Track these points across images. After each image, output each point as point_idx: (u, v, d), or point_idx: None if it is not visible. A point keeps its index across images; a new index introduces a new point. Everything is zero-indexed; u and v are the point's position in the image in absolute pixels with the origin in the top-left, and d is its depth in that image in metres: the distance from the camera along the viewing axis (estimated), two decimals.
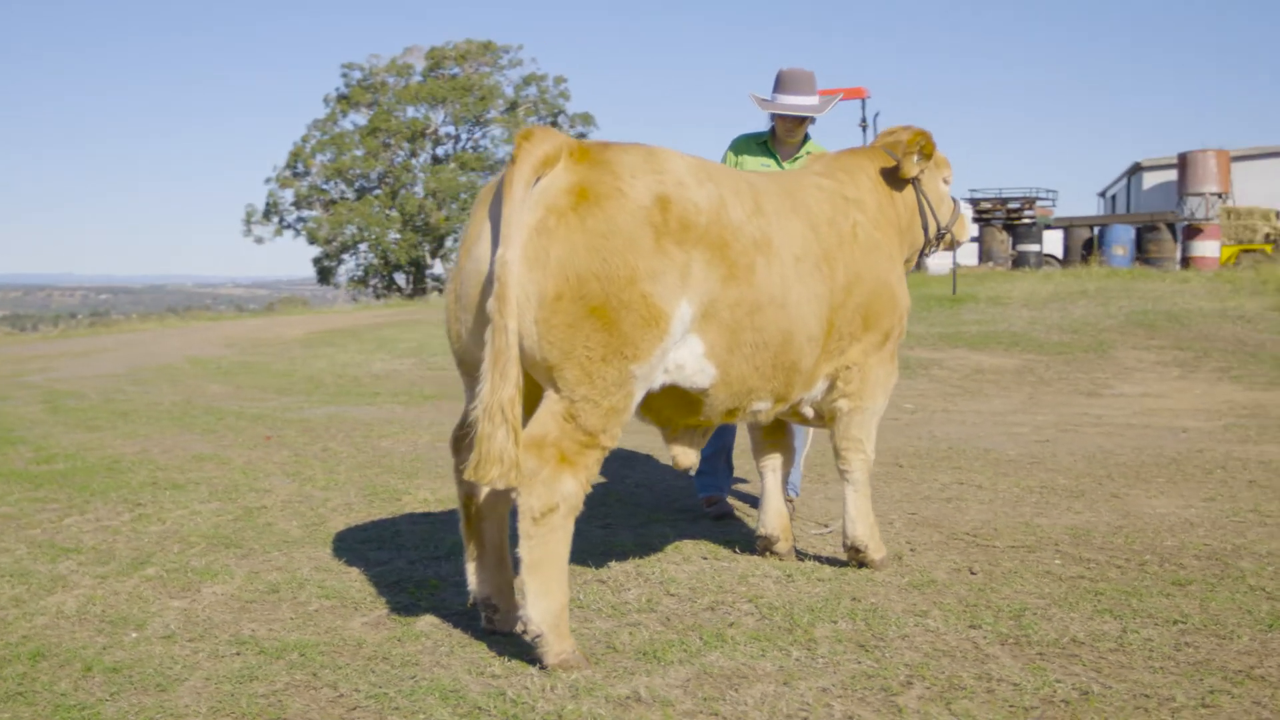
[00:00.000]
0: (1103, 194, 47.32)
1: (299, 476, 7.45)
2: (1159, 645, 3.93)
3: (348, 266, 51.21)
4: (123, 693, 3.67)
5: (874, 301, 4.79)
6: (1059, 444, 8.39)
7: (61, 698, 3.63)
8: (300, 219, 50.39)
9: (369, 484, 7.11)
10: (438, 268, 50.18)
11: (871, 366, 4.86)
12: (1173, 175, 34.50)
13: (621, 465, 7.76)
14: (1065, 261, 29.69)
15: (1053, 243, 30.94)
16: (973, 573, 4.92)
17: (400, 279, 50.37)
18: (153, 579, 5.02)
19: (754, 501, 6.62)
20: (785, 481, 5.35)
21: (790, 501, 6.16)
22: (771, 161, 6.08)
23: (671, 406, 4.28)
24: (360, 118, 50.07)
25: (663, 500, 6.64)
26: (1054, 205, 38.41)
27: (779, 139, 6.10)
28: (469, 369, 4.11)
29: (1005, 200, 33.47)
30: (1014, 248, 29.90)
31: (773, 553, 5.27)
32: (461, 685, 3.67)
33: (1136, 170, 39.11)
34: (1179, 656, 3.82)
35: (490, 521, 4.22)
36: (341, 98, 50.12)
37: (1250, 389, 11.00)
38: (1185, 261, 27.41)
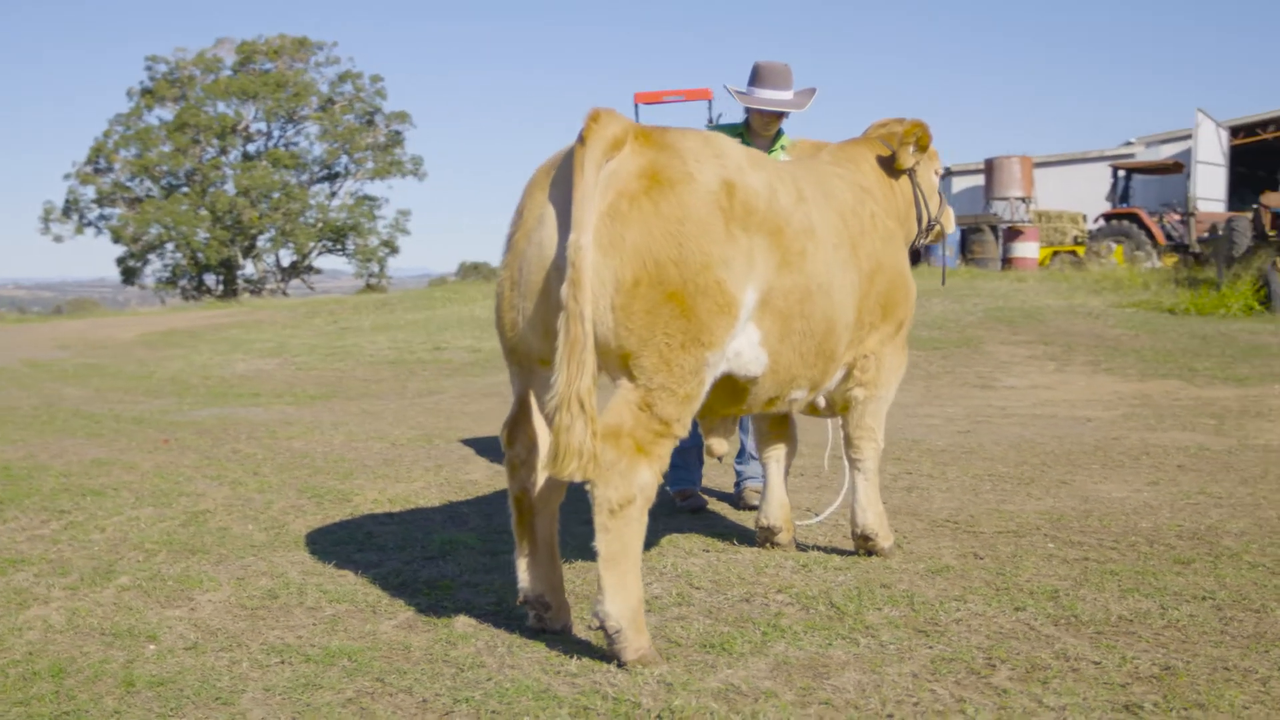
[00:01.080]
0: None
1: (223, 479, 7.07)
2: (1205, 621, 4.06)
3: (154, 267, 49.14)
4: (184, 709, 3.40)
5: (892, 290, 4.82)
6: (980, 435, 8.63)
7: (117, 716, 3.34)
8: (103, 217, 48.11)
9: (305, 485, 6.80)
10: (249, 268, 48.62)
11: (887, 355, 4.89)
12: (980, 180, 35.98)
13: None
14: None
15: None
16: (979, 557, 5.00)
17: (210, 279, 48.55)
18: (131, 588, 4.68)
19: (719, 495, 6.60)
20: (787, 472, 5.34)
21: (758, 492, 6.17)
22: None
23: (719, 395, 4.21)
24: (166, 113, 48.07)
25: None
26: None
27: (754, 132, 6.09)
28: (522, 359, 3.96)
29: None
30: None
31: (773, 543, 5.25)
32: (547, 685, 3.53)
33: (946, 174, 40.67)
34: (1231, 630, 3.96)
35: (543, 517, 4.07)
36: (145, 91, 48.01)
37: (1128, 380, 11.55)
38: (1006, 262, 28.62)
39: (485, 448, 8.13)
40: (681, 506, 6.16)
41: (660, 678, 3.56)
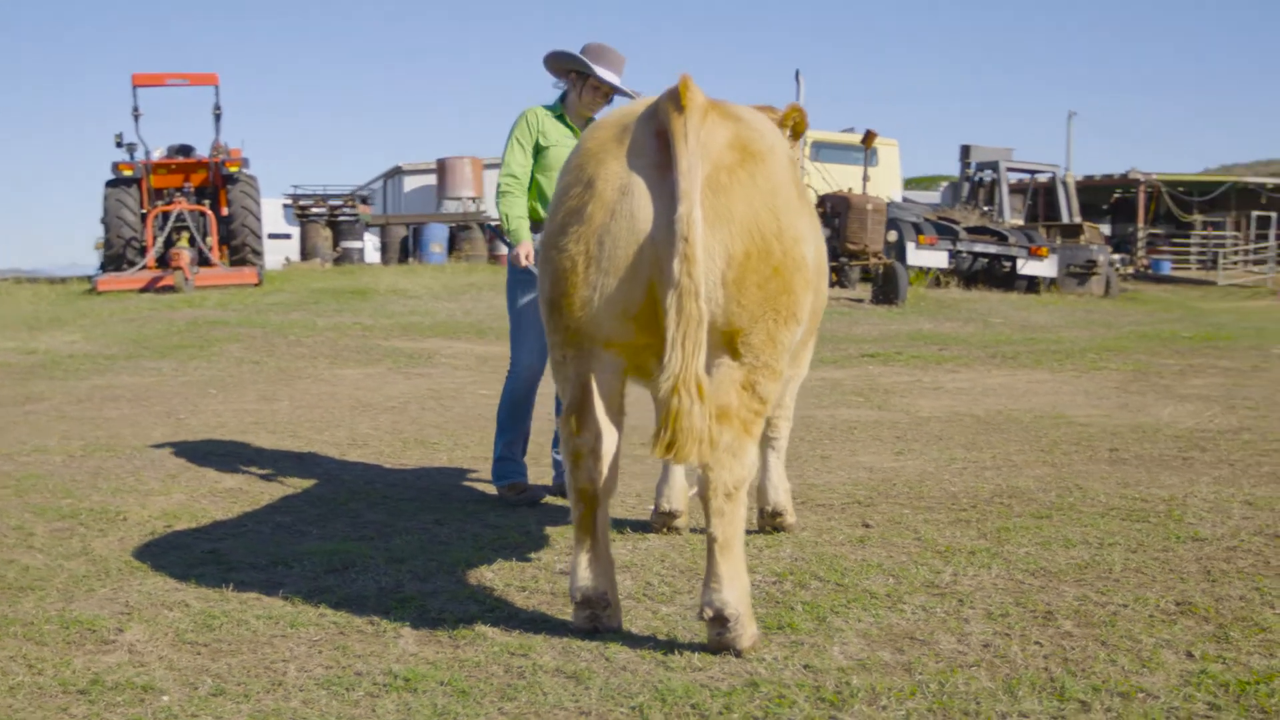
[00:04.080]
0: (364, 198, 48.93)
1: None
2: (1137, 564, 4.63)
3: None
4: None
5: (821, 264, 4.99)
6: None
7: None
8: None
9: (49, 507, 5.73)
10: None
11: (808, 334, 5.05)
12: (433, 179, 36.83)
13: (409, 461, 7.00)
14: (386, 259, 30.69)
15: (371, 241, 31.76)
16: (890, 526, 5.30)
17: None
18: (70, 623, 3.80)
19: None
20: None
21: None
22: (571, 135, 5.94)
23: None
24: None
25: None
26: (372, 205, 39.34)
27: (576, 113, 5.97)
28: (584, 341, 3.73)
29: (327, 197, 33.74)
30: (338, 245, 30.34)
31: (672, 528, 5.24)
32: (667, 683, 3.37)
33: (397, 173, 40.95)
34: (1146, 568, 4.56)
35: (603, 510, 3.84)
36: None
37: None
38: (495, 258, 29.54)
39: (185, 450, 7.27)
40: (517, 500, 5.93)
41: (781, 661, 3.52)
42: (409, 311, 16.72)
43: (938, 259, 24.68)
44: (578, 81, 5.93)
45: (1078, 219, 36.17)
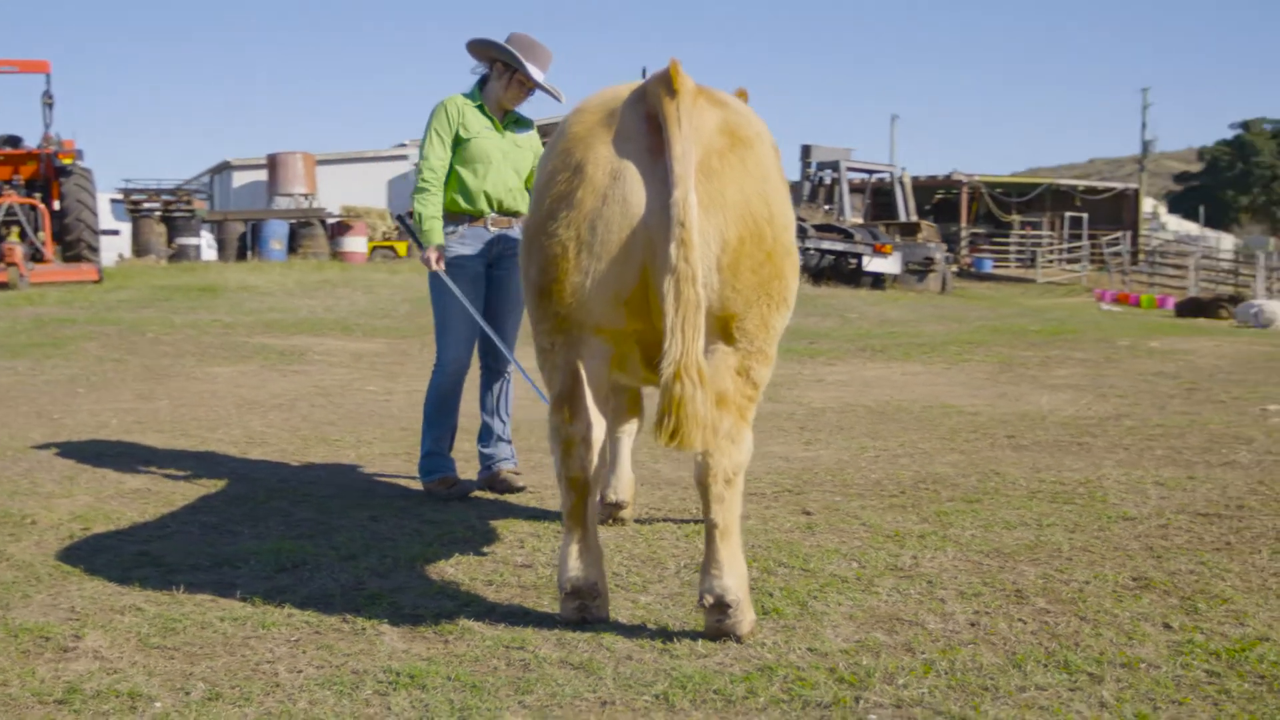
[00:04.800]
0: (197, 193, 47.34)
1: None
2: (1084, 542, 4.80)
3: None
4: None
5: None
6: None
7: None
8: None
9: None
10: None
11: None
12: (263, 175, 35.92)
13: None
14: (223, 256, 29.76)
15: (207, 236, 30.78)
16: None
17: None
18: (19, 631, 3.56)
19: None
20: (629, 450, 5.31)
21: (517, 474, 6.02)
22: (492, 126, 5.84)
23: None
24: None
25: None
26: (207, 200, 38.02)
27: (496, 104, 5.87)
28: (574, 328, 3.68)
29: (160, 192, 32.48)
30: (173, 241, 29.30)
31: (617, 519, 5.21)
32: (681, 670, 3.35)
33: (225, 168, 39.76)
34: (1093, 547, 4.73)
35: (593, 499, 3.78)
36: None
37: None
38: (336, 255, 28.95)
39: (72, 451, 6.89)
40: (447, 495, 5.80)
41: (782, 643, 3.53)
42: (267, 309, 16.21)
43: None
44: (503, 72, 5.83)
45: (914, 217, 37.36)
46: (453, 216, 5.75)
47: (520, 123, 5.98)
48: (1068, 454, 6.88)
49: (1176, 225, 58.09)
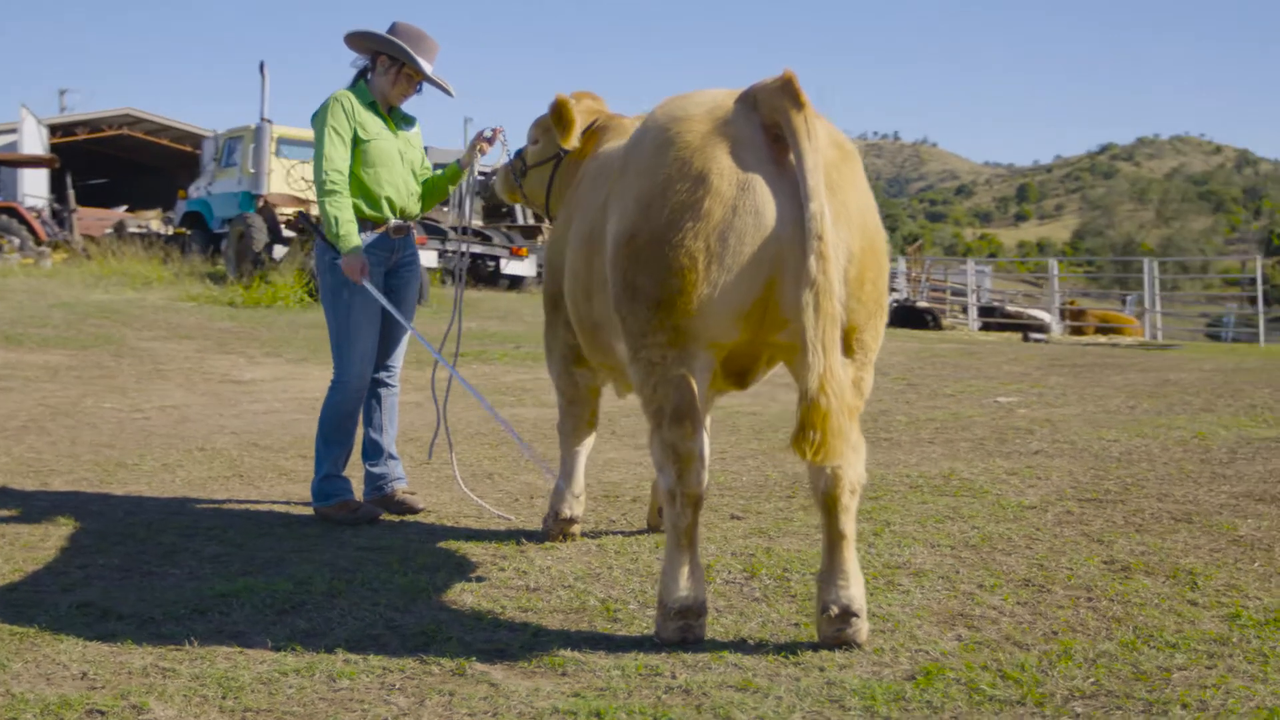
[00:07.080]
0: None
1: None
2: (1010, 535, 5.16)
3: None
4: None
5: None
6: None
7: None
8: None
9: None
10: None
11: None
12: None
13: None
14: None
15: None
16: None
17: None
18: (38, 706, 3.00)
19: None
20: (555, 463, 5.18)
21: (412, 493, 5.75)
22: (386, 125, 5.53)
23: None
24: None
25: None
26: None
27: (387, 100, 5.54)
28: (690, 341, 3.65)
29: None
30: None
31: (568, 535, 5.06)
32: (842, 683, 3.34)
33: None
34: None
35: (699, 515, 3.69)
36: None
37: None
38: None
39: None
40: (352, 520, 5.39)
41: (895, 648, 3.62)
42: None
43: (428, 258, 24.86)
44: (390, 66, 5.51)
45: (533, 221, 37.82)
46: (360, 223, 5.39)
47: (406, 119, 5.69)
48: (896, 449, 7.31)
49: None
